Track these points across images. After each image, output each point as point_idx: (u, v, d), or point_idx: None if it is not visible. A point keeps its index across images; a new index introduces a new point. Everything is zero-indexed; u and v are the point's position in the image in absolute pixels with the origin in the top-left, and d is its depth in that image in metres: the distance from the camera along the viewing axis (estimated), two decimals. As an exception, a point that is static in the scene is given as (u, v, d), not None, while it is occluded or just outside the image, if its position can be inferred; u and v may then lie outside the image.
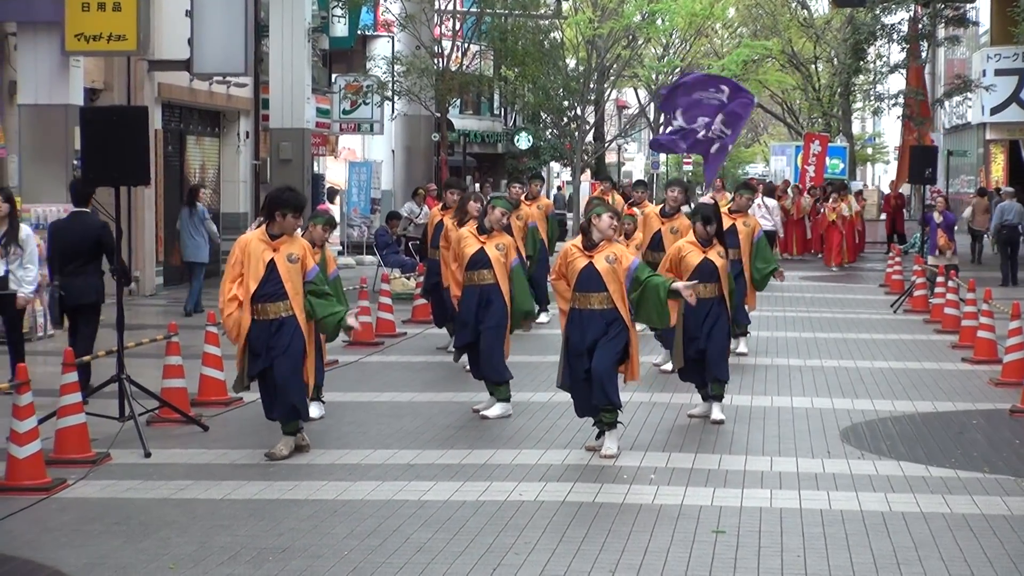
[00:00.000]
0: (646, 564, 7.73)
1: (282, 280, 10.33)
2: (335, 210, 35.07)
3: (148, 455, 10.48)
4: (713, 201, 13.08)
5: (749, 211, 16.39)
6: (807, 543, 8.17)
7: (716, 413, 12.02)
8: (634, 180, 26.78)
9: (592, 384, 10.43)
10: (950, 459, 10.54)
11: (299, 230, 10.94)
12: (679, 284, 10.65)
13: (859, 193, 38.42)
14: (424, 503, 9.08)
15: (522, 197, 17.85)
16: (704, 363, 11.99)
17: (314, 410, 11.95)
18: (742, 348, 16.18)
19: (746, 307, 15.69)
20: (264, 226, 10.54)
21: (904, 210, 38.88)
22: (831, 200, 32.30)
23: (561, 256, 10.81)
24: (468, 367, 13.05)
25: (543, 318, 17.98)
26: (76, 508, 9.02)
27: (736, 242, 15.48)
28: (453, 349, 14.06)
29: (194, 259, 20.99)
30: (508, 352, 12.33)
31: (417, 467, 10.17)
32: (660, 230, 15.39)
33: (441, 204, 16.49)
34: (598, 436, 10.66)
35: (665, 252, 15.36)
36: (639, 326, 10.91)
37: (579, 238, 10.77)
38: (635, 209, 17.30)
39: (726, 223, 15.53)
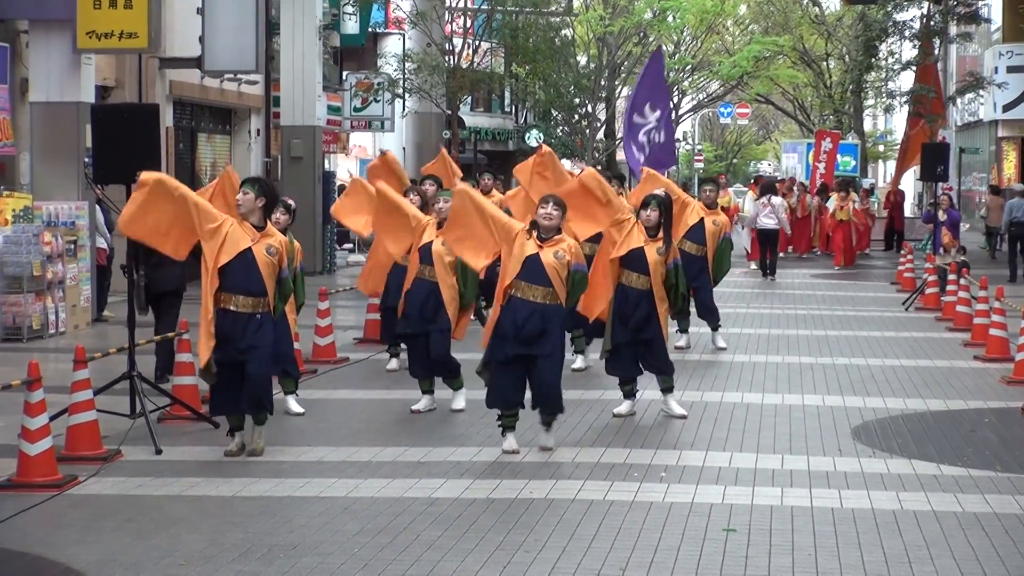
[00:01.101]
0: (657, 562, 7.72)
1: (261, 274, 10.27)
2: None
3: (159, 452, 10.49)
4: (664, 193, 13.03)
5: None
6: (818, 541, 8.16)
7: (674, 407, 12.03)
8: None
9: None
10: (962, 457, 10.52)
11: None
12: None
13: (867, 190, 38.05)
14: (434, 500, 9.08)
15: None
16: (633, 358, 11.98)
17: (295, 405, 12.16)
18: (720, 343, 16.23)
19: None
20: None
21: (903, 206, 38.44)
22: (835, 198, 31.63)
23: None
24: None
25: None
26: (87, 505, 9.04)
27: (702, 238, 15.56)
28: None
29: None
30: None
31: (427, 465, 10.17)
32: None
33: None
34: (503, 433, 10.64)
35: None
36: None
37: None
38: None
39: (694, 218, 15.60)
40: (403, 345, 14.49)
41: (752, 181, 40.51)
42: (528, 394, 10.64)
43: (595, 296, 11.73)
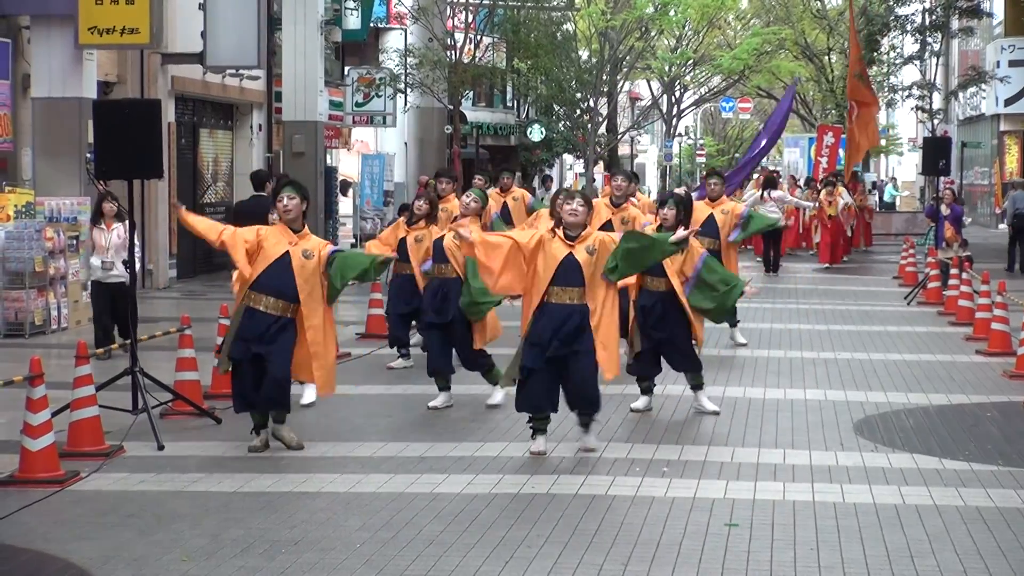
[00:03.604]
0: (658, 557, 7.72)
1: (295, 278, 10.28)
2: (348, 203, 35.12)
3: (161, 448, 10.50)
4: (686, 191, 12.96)
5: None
6: (820, 536, 8.16)
7: (706, 404, 12.02)
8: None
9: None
10: (964, 452, 10.52)
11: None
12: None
13: (857, 183, 37.32)
14: (436, 496, 9.08)
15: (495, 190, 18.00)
16: (657, 356, 11.96)
17: (311, 395, 12.23)
18: (740, 339, 16.25)
19: None
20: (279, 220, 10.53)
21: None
22: (823, 193, 30.68)
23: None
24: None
25: None
26: (89, 501, 9.04)
27: (715, 231, 15.53)
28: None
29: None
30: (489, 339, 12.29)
31: (429, 460, 10.17)
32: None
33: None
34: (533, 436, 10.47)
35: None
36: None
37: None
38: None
39: (704, 212, 15.59)
40: (402, 351, 14.54)
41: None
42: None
43: None
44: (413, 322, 14.39)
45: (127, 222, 14.38)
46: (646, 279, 11.71)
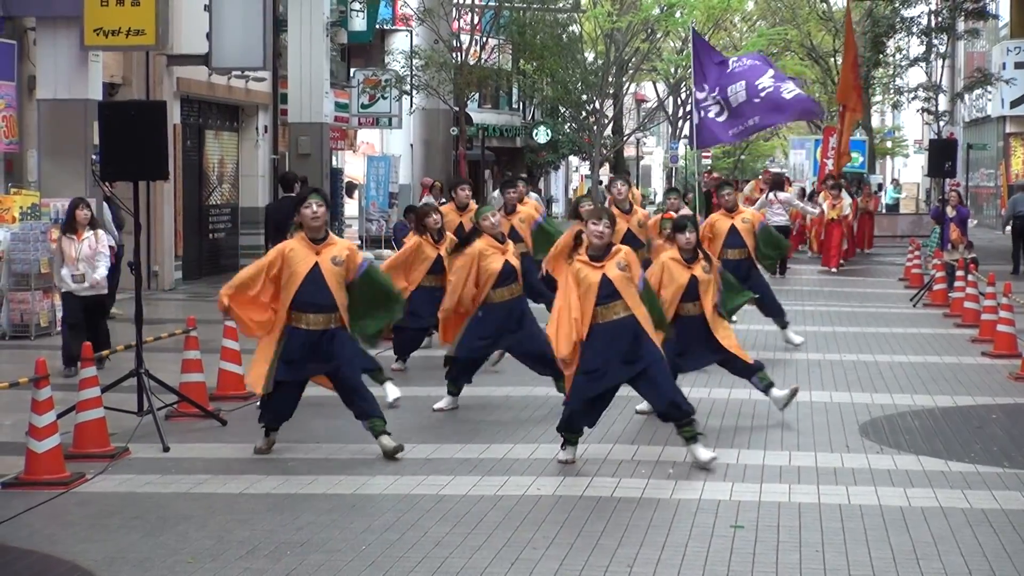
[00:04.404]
0: (664, 559, 7.72)
1: (330, 288, 10.15)
2: (353, 205, 35.13)
3: (167, 449, 10.50)
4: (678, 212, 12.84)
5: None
6: (826, 538, 8.15)
7: (780, 396, 11.93)
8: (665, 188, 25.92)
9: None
10: (969, 454, 10.51)
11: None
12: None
13: (865, 184, 37.21)
14: (442, 498, 9.08)
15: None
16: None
17: (393, 391, 12.32)
18: (795, 339, 16.27)
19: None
20: (301, 231, 10.33)
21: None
22: (822, 196, 30.40)
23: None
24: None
25: None
26: (95, 502, 9.04)
27: (740, 241, 15.51)
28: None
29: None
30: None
31: (435, 462, 10.17)
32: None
33: (453, 204, 15.99)
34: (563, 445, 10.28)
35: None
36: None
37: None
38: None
39: (725, 224, 15.59)
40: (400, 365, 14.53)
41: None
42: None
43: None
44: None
45: (99, 232, 14.21)
46: (684, 306, 11.52)
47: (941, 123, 35.53)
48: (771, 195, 26.14)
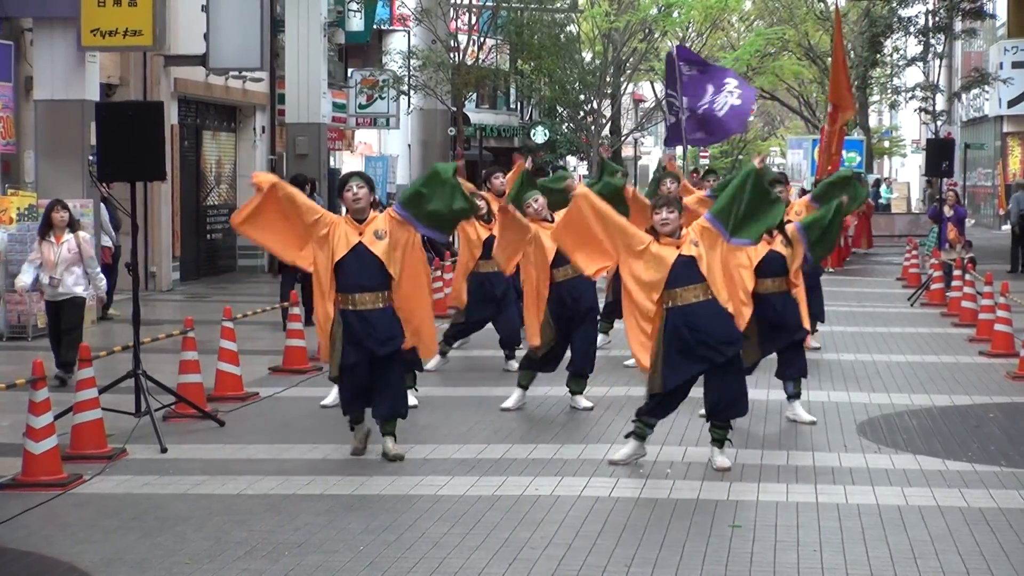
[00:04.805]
0: (661, 559, 7.71)
1: (376, 264, 10.00)
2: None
3: (164, 450, 10.50)
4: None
5: None
6: (823, 537, 8.15)
7: (802, 414, 11.87)
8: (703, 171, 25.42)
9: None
10: (967, 453, 10.52)
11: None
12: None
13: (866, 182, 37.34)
14: (440, 498, 9.08)
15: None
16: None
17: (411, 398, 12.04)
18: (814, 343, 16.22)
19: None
20: (347, 214, 10.29)
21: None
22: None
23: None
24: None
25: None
26: (92, 504, 9.04)
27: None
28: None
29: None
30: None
31: (432, 462, 10.17)
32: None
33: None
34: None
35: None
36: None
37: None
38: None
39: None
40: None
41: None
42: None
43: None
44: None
45: (80, 233, 13.97)
46: (764, 282, 11.45)
47: (938, 123, 35.52)
48: None
